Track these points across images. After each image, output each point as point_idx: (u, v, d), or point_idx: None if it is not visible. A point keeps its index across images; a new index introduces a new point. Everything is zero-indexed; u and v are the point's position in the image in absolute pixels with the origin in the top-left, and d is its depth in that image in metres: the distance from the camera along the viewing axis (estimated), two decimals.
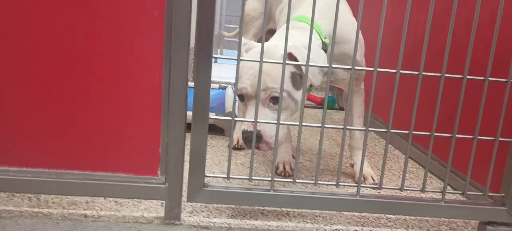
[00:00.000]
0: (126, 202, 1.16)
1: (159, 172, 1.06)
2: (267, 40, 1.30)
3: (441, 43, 1.63)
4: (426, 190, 1.13)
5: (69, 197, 1.15)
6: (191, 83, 1.01)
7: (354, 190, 1.10)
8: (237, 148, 1.76)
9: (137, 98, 1.02)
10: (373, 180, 1.47)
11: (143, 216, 1.10)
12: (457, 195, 1.22)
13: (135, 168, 1.05)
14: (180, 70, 1.00)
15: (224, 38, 3.85)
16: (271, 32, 1.48)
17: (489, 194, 1.14)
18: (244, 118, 1.14)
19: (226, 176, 1.08)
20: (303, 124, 1.06)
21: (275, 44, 1.23)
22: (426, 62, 1.55)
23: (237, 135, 1.79)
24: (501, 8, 1.02)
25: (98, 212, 1.09)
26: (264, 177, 1.44)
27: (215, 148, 1.72)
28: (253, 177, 1.08)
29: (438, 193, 1.13)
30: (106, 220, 1.08)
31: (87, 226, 1.04)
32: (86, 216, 1.08)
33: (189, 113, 1.00)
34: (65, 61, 0.98)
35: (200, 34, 0.98)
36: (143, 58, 1.00)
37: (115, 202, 1.16)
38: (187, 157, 1.05)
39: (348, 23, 1.39)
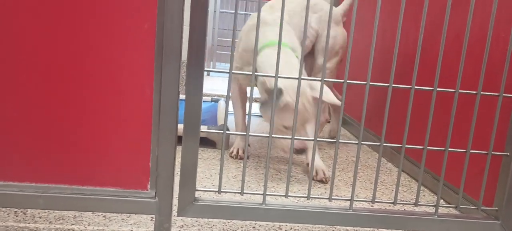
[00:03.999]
0: (115, 216, 1.14)
1: (149, 186, 1.04)
2: None
3: (432, 59, 1.63)
4: (419, 203, 1.12)
5: (56, 211, 1.13)
6: (182, 96, 1.00)
7: (347, 204, 1.09)
8: (235, 157, 1.79)
9: (127, 111, 1.00)
10: (324, 174, 1.59)
11: None
12: (450, 208, 1.21)
13: (124, 181, 1.03)
14: (171, 82, 0.98)
15: (217, 52, 3.84)
16: None
17: (482, 208, 1.14)
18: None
19: (217, 190, 1.07)
20: (295, 137, 1.06)
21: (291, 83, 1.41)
22: (417, 77, 1.56)
23: (238, 145, 1.79)
24: (491, 24, 1.02)
25: (86, 227, 1.07)
26: (256, 190, 1.42)
27: (207, 161, 1.70)
28: (245, 191, 1.07)
29: (431, 207, 1.12)
30: None
31: None
32: None
33: (180, 126, 0.99)
34: (54, 74, 0.97)
35: (191, 46, 0.97)
36: (134, 71, 0.99)
37: (104, 216, 1.13)
38: (178, 171, 1.03)
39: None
